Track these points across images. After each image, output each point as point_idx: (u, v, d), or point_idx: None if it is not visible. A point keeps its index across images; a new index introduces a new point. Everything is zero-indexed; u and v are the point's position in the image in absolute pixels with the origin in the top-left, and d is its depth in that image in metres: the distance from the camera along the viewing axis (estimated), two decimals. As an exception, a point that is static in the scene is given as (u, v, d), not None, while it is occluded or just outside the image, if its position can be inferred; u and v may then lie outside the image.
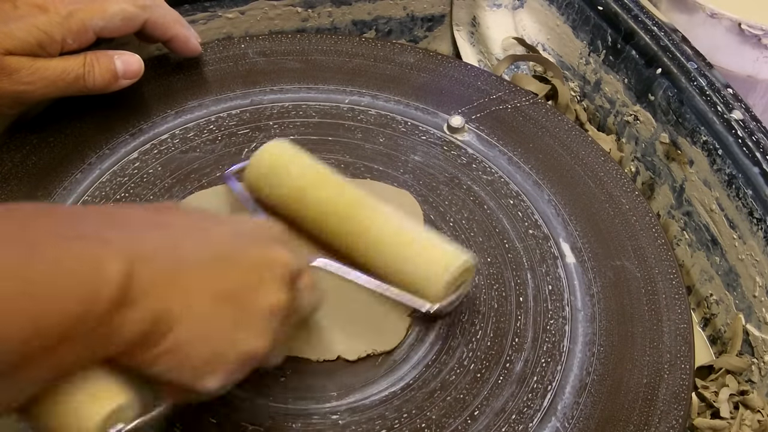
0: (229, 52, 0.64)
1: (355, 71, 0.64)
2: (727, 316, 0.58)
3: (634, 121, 0.67)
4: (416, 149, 0.59)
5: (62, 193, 0.53)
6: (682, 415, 0.47)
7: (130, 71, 0.56)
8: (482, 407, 0.46)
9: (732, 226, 0.58)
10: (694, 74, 0.62)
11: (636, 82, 0.66)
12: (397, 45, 0.67)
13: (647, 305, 0.52)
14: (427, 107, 0.62)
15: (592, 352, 0.49)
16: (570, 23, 0.72)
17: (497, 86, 0.64)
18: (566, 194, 0.57)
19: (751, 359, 0.55)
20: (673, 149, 0.63)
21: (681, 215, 0.63)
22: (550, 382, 0.47)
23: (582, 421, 0.46)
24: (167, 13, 0.58)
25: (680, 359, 0.49)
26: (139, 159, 0.56)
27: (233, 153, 0.57)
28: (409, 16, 0.77)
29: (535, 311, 0.50)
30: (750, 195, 0.56)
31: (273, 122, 0.59)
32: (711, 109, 0.60)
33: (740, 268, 0.57)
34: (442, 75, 0.65)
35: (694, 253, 0.62)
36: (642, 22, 0.66)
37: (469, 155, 0.59)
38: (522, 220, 0.55)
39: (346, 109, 0.61)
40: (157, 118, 0.58)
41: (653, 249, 0.55)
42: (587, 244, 0.54)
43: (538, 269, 0.53)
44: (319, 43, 0.65)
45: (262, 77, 0.62)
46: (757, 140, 0.57)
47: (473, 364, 0.48)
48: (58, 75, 0.52)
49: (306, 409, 0.45)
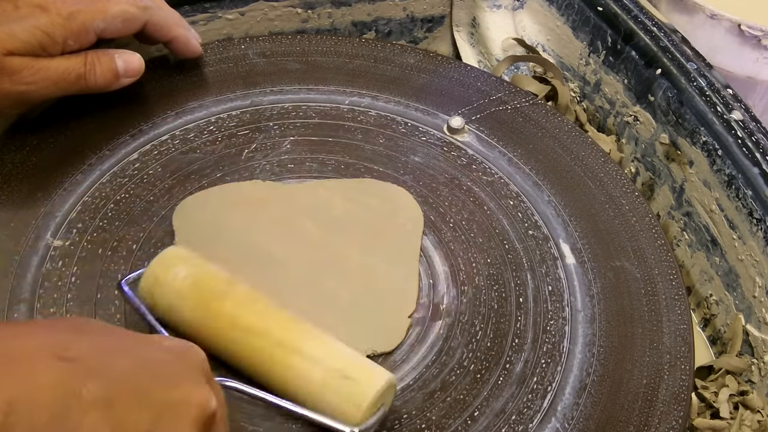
0: (229, 53, 0.64)
1: (355, 72, 0.64)
2: (727, 316, 0.58)
3: (633, 122, 0.67)
4: (416, 150, 0.59)
5: (62, 194, 0.53)
6: (681, 415, 0.47)
7: (131, 70, 0.56)
8: (482, 408, 0.46)
9: (732, 226, 0.58)
10: (694, 75, 0.62)
11: (636, 83, 0.66)
12: (397, 46, 0.67)
13: (647, 306, 0.52)
14: (427, 108, 0.62)
15: (592, 352, 0.49)
16: (570, 24, 0.72)
17: (497, 87, 0.64)
18: (566, 195, 0.57)
19: (751, 359, 0.55)
20: (673, 150, 0.63)
21: (681, 216, 0.63)
22: (550, 383, 0.47)
23: (582, 422, 0.46)
24: (168, 15, 0.58)
25: (680, 360, 0.49)
26: (139, 160, 0.56)
27: (233, 154, 0.57)
28: (409, 17, 0.77)
29: (535, 312, 0.51)
30: (750, 195, 0.56)
31: (273, 123, 0.59)
32: (711, 109, 0.60)
33: (740, 269, 0.57)
34: (442, 76, 0.65)
35: (693, 254, 0.62)
36: (642, 22, 0.66)
37: (469, 156, 0.59)
38: (522, 220, 0.55)
39: (346, 110, 0.61)
40: (157, 119, 0.58)
41: (653, 250, 0.55)
42: (587, 244, 0.54)
43: (538, 270, 0.53)
44: (319, 44, 0.66)
45: (262, 78, 0.62)
46: (757, 141, 0.57)
47: (473, 365, 0.48)
48: (60, 75, 0.52)
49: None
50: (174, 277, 0.45)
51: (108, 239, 0.51)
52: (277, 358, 0.42)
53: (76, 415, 0.30)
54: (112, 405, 0.31)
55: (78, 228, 0.51)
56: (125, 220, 0.52)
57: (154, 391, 0.33)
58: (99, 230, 0.51)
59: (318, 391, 0.41)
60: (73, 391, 0.30)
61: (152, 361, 0.34)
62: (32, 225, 0.51)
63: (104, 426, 0.30)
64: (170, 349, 0.36)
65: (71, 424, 0.30)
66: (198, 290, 0.44)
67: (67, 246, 0.50)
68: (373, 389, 0.41)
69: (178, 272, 0.45)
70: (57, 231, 0.51)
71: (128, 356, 0.34)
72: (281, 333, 0.43)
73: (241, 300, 0.44)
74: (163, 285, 0.45)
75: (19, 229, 0.51)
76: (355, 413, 0.40)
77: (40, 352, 0.31)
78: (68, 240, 0.51)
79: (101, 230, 0.51)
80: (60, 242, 0.50)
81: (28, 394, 0.29)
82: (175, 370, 0.34)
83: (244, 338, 0.43)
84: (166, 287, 0.45)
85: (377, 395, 0.41)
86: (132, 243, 0.51)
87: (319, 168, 0.57)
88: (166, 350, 0.36)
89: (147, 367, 0.34)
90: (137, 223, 0.52)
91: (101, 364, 0.32)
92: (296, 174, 0.56)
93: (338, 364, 0.42)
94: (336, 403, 0.41)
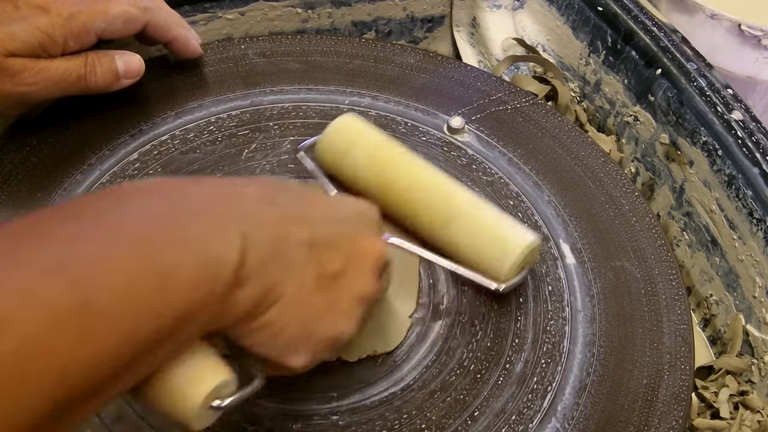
0: (229, 53, 0.64)
1: (355, 72, 0.64)
2: (727, 316, 0.58)
3: (634, 122, 0.67)
4: (416, 150, 0.59)
5: (62, 194, 0.53)
6: (682, 415, 0.47)
7: (131, 71, 0.56)
8: (482, 408, 0.46)
9: (732, 226, 0.58)
10: (694, 75, 0.62)
11: (636, 83, 0.66)
12: (397, 46, 0.67)
13: (647, 306, 0.52)
14: (427, 108, 0.62)
15: (592, 352, 0.49)
16: (570, 24, 0.72)
17: (497, 87, 0.64)
18: (566, 195, 0.57)
19: (751, 360, 0.55)
20: (673, 150, 0.63)
21: (681, 216, 0.63)
22: (550, 383, 0.47)
23: (582, 422, 0.46)
24: (168, 16, 0.58)
25: (680, 360, 0.49)
26: (139, 160, 0.56)
27: (233, 154, 0.57)
28: (409, 17, 0.77)
29: (535, 312, 0.51)
30: (750, 195, 0.56)
31: (273, 123, 0.59)
32: (711, 109, 0.60)
33: (740, 269, 0.57)
34: (442, 76, 0.65)
35: (694, 254, 0.62)
36: (642, 22, 0.66)
37: (469, 156, 0.59)
38: (522, 220, 0.55)
39: (346, 110, 0.61)
40: (157, 119, 0.58)
41: (653, 250, 0.55)
42: (587, 244, 0.54)
43: (537, 270, 0.53)
44: (319, 44, 0.66)
45: (262, 78, 0.62)
46: (757, 141, 0.57)
47: (473, 365, 0.48)
48: (60, 76, 0.52)
49: (306, 410, 0.45)
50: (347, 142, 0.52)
51: (108, 239, 0.51)
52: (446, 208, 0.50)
53: (289, 251, 0.35)
54: (314, 246, 0.36)
55: (78, 228, 0.51)
56: (125, 220, 0.52)
57: (342, 240, 0.38)
58: (99, 230, 0.51)
59: (479, 234, 0.48)
60: (284, 231, 0.35)
61: (339, 217, 0.40)
62: (32, 225, 0.51)
63: (309, 261, 0.36)
64: (351, 207, 0.42)
65: (286, 258, 0.35)
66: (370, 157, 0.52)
67: (67, 246, 0.50)
68: (528, 238, 0.48)
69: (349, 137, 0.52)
70: (57, 231, 0.51)
71: (321, 210, 0.39)
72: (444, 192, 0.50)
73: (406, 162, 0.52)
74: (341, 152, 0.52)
75: (19, 229, 0.51)
76: (510, 256, 0.47)
77: (257, 198, 0.36)
78: (68, 240, 0.51)
79: (101, 230, 0.51)
80: (60, 242, 0.50)
81: (254, 229, 0.34)
82: (357, 226, 0.40)
83: (420, 191, 0.50)
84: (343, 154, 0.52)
85: (531, 245, 0.48)
86: (132, 243, 0.51)
87: (319, 168, 0.57)
88: (348, 208, 0.42)
89: (336, 220, 0.39)
90: (137, 223, 0.52)
91: (301, 213, 0.37)
92: (296, 174, 0.56)
93: (501, 219, 0.49)
94: (493, 247, 0.48)
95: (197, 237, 0.32)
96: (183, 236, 0.32)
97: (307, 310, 0.36)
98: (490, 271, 0.48)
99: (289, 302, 0.35)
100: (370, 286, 0.39)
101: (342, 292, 0.38)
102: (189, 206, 0.33)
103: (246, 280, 0.33)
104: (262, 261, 0.34)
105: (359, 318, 0.39)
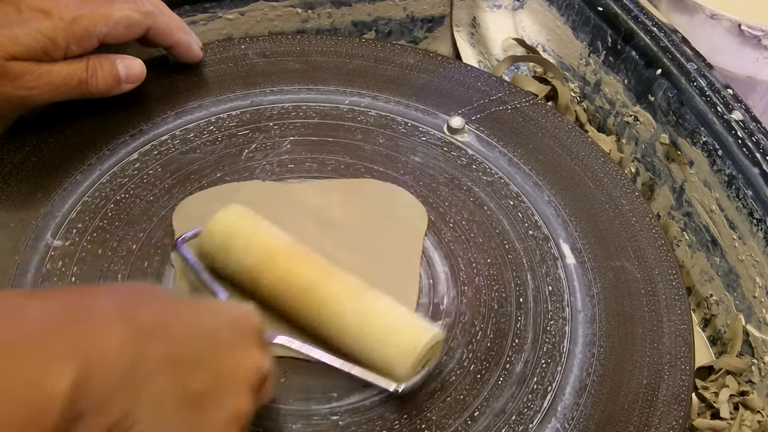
0: (229, 53, 0.64)
1: (355, 72, 0.64)
2: (727, 316, 0.58)
3: (634, 122, 0.67)
4: (416, 150, 0.59)
5: (62, 194, 0.53)
6: (682, 415, 0.47)
7: (132, 75, 0.56)
8: (482, 408, 0.46)
9: (732, 226, 0.58)
10: (694, 75, 0.62)
11: (636, 83, 0.66)
12: (397, 46, 0.67)
13: (647, 306, 0.52)
14: (427, 108, 0.62)
15: (592, 353, 0.49)
16: (570, 24, 0.72)
17: (497, 87, 0.64)
18: (566, 195, 0.57)
19: (751, 360, 0.55)
20: (673, 150, 0.63)
21: (681, 216, 0.63)
22: (550, 383, 0.47)
23: (582, 422, 0.46)
24: (170, 20, 0.58)
25: (680, 360, 0.49)
26: (139, 160, 0.56)
27: (233, 154, 0.57)
28: (409, 17, 0.77)
29: (535, 312, 0.51)
30: (750, 196, 0.56)
31: (273, 123, 0.59)
32: (711, 109, 0.60)
33: (740, 269, 0.57)
34: (442, 76, 0.65)
35: (694, 254, 0.62)
36: (642, 22, 0.66)
37: (469, 156, 0.59)
38: (522, 221, 0.55)
39: (346, 110, 0.61)
40: (157, 119, 0.58)
41: (653, 250, 0.55)
42: (587, 245, 0.54)
43: (538, 270, 0.53)
44: (319, 44, 0.66)
45: (262, 78, 0.62)
46: (757, 141, 0.57)
47: (473, 365, 0.48)
48: (62, 80, 0.52)
49: (306, 410, 0.45)
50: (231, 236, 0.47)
51: (108, 239, 0.51)
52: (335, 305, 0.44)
53: (143, 374, 0.32)
54: (175, 366, 0.33)
55: (78, 228, 0.51)
56: (125, 220, 0.52)
57: (210, 357, 0.35)
58: (99, 230, 0.51)
59: (372, 334, 0.43)
60: (139, 352, 0.32)
61: (208, 329, 0.36)
62: (32, 225, 0.51)
63: (168, 382, 0.33)
64: (224, 315, 0.38)
65: (138, 382, 0.32)
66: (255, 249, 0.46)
67: (67, 246, 0.50)
68: (428, 333, 0.43)
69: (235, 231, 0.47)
70: (57, 231, 0.51)
71: (186, 322, 0.36)
72: (334, 287, 0.45)
73: (296, 256, 0.46)
74: (221, 244, 0.47)
75: (19, 229, 0.51)
76: (409, 356, 0.42)
77: (108, 315, 0.33)
78: (68, 240, 0.51)
79: (101, 230, 0.51)
80: (60, 242, 0.50)
81: (100, 354, 0.31)
82: (229, 338, 0.37)
83: (300, 293, 0.45)
84: (223, 246, 0.47)
85: (432, 339, 0.43)
86: (132, 243, 0.51)
87: (319, 168, 0.57)
88: (220, 317, 0.38)
89: (203, 334, 0.36)
90: (137, 223, 0.52)
91: (162, 328, 0.34)
92: (296, 174, 0.56)
93: (397, 313, 0.44)
94: (389, 347, 0.43)
95: (21, 373, 0.29)
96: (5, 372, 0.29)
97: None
98: (388, 371, 0.43)
99: (145, 430, 0.32)
100: (244, 404, 0.36)
101: (210, 413, 0.34)
102: (19, 334, 0.30)
103: (86, 413, 0.30)
104: (106, 390, 0.31)
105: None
